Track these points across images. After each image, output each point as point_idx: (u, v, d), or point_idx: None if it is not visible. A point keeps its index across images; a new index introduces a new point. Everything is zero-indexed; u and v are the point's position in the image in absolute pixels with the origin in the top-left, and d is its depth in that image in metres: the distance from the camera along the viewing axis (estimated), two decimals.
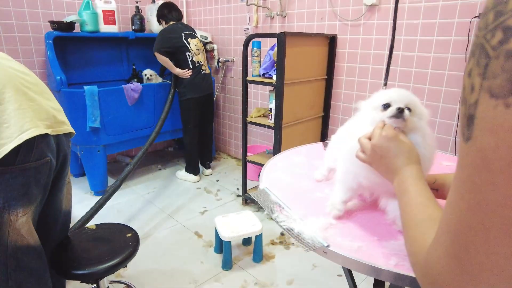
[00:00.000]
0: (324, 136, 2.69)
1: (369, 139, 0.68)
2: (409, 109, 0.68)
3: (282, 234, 2.23)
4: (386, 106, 0.70)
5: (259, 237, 1.95)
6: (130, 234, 1.34)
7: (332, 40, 2.46)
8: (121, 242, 1.29)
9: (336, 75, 2.56)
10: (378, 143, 0.65)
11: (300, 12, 2.63)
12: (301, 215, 0.80)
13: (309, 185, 0.97)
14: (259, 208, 2.53)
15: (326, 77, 2.55)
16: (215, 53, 3.34)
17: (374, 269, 0.65)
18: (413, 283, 0.62)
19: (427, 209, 0.50)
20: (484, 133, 0.28)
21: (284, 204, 0.85)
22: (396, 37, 2.18)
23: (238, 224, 1.99)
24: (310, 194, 0.92)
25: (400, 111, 0.67)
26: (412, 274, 0.61)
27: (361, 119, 0.75)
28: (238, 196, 2.75)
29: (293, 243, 2.15)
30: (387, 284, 1.00)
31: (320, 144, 1.32)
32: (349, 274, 1.12)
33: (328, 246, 0.69)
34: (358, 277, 1.79)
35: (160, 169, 3.35)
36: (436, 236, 0.38)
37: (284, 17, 2.73)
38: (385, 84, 1.40)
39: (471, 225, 0.31)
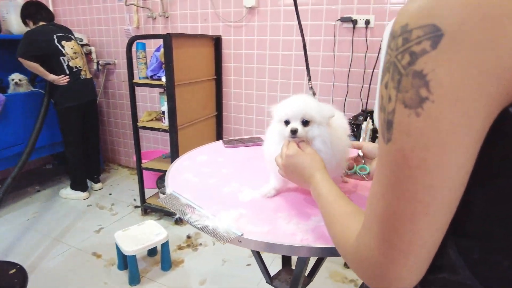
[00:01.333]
0: (219, 135, 2.74)
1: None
2: (307, 122, 0.77)
3: (188, 237, 2.20)
4: (287, 122, 0.79)
5: (165, 245, 1.89)
6: (13, 270, 1.16)
7: (217, 41, 2.52)
8: (5, 282, 1.10)
9: (225, 75, 2.64)
10: (285, 163, 0.75)
11: (183, 13, 2.62)
12: (213, 211, 0.82)
13: (216, 182, 0.99)
14: (162, 216, 2.45)
15: (215, 77, 2.60)
16: (93, 56, 3.06)
17: (282, 246, 0.71)
18: (317, 253, 0.70)
19: (340, 206, 0.57)
20: (402, 136, 0.35)
21: (195, 204, 0.85)
22: (276, 37, 2.37)
23: (141, 235, 1.89)
24: (218, 190, 0.94)
25: (293, 132, 0.76)
26: (314, 245, 0.69)
27: (273, 128, 0.85)
28: (136, 207, 2.60)
29: (200, 244, 2.15)
30: (294, 259, 1.10)
31: (221, 142, 1.36)
32: (259, 258, 1.19)
33: (242, 235, 0.73)
34: (267, 261, 1.91)
35: (38, 191, 2.92)
36: (363, 226, 0.43)
37: (167, 18, 2.68)
38: (310, 84, 1.51)
39: (398, 212, 0.37)
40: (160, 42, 2.67)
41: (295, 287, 1.03)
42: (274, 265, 1.89)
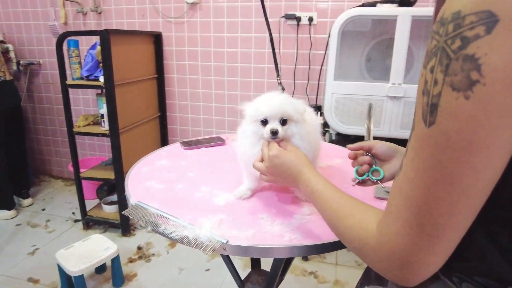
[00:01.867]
0: (164, 137, 2.61)
1: (261, 160, 0.75)
2: (285, 120, 0.75)
3: (139, 248, 2.06)
4: (264, 122, 0.75)
5: (116, 260, 1.74)
6: None
7: (157, 38, 2.39)
8: None
9: (167, 73, 2.51)
10: (269, 165, 0.71)
11: (118, 8, 2.43)
12: (190, 219, 0.75)
13: (185, 188, 0.92)
14: (106, 228, 2.25)
15: (157, 75, 2.47)
16: (12, 55, 2.70)
17: (274, 249, 0.68)
18: (310, 251, 0.68)
19: (344, 199, 0.55)
20: (447, 119, 0.35)
21: (167, 214, 0.78)
22: (220, 34, 2.31)
23: (87, 252, 1.71)
24: (189, 197, 0.87)
25: (273, 133, 0.73)
26: (306, 243, 0.67)
27: (246, 129, 0.80)
28: (76, 221, 2.36)
29: (153, 254, 2.02)
30: (263, 260, 1.06)
31: (178, 144, 1.28)
32: (229, 262, 1.14)
33: (227, 242, 0.68)
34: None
35: None
36: (388, 214, 0.43)
37: (100, 13, 2.46)
38: (279, 80, 1.47)
39: (436, 195, 0.37)
40: (94, 39, 2.47)
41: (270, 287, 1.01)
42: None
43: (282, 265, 0.97)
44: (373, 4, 1.70)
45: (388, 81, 1.68)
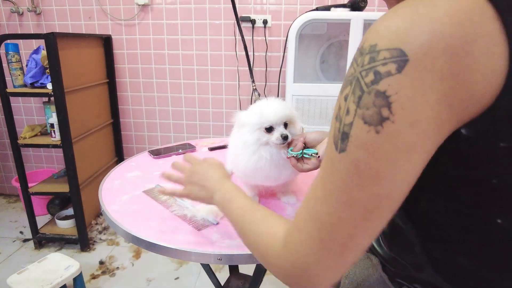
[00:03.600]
0: (118, 144, 2.49)
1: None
2: (286, 124, 0.78)
3: (101, 262, 1.95)
4: (269, 129, 0.76)
5: (79, 278, 1.63)
6: None
7: (107, 41, 2.27)
8: None
9: (119, 78, 2.40)
10: (193, 169, 0.73)
11: (60, 9, 2.26)
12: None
13: (169, 199, 0.90)
14: (63, 245, 2.10)
15: (108, 80, 2.35)
16: None
17: None
18: None
19: (258, 209, 0.57)
20: (358, 149, 0.37)
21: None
22: (174, 36, 2.26)
23: (45, 274, 1.58)
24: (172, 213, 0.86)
25: (285, 138, 0.75)
26: None
27: (247, 139, 0.79)
28: (26, 240, 2.17)
29: (117, 267, 1.93)
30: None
31: (146, 153, 1.24)
32: (209, 269, 1.14)
33: (217, 223, 0.77)
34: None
35: None
36: (295, 226, 0.44)
37: (39, 14, 2.27)
38: (254, 86, 1.44)
39: (340, 217, 0.39)
40: (34, 43, 2.28)
41: None
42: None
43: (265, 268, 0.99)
44: (327, 8, 1.79)
45: (341, 81, 1.78)
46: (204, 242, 0.72)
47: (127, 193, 0.93)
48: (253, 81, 1.48)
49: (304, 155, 0.79)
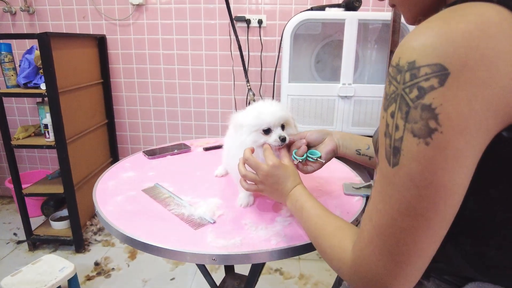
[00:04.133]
0: (113, 145, 2.48)
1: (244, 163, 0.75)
2: (283, 126, 0.78)
3: (96, 264, 1.94)
4: (267, 131, 0.77)
5: (73, 280, 1.62)
6: None
7: (101, 41, 2.26)
8: None
9: (114, 78, 2.39)
10: (267, 174, 0.72)
11: (54, 8, 2.24)
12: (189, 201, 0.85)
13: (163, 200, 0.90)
14: (57, 246, 2.09)
15: (102, 80, 2.33)
16: None
17: (264, 254, 0.69)
18: (298, 252, 0.71)
19: (330, 220, 0.60)
20: (410, 162, 0.39)
21: (174, 195, 0.89)
22: (169, 36, 2.26)
23: (40, 276, 1.57)
24: (168, 210, 0.85)
25: (283, 140, 0.75)
26: (294, 245, 0.70)
27: (245, 140, 0.79)
28: (20, 242, 2.15)
29: (113, 268, 1.92)
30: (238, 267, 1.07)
31: (141, 154, 1.23)
32: (205, 270, 1.14)
33: (214, 222, 0.77)
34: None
35: None
36: (362, 239, 0.47)
37: (32, 13, 2.25)
38: (249, 86, 1.44)
39: (402, 226, 0.41)
40: (27, 42, 2.27)
41: None
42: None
43: (261, 268, 0.99)
44: (321, 8, 1.79)
45: (337, 81, 1.78)
46: (199, 242, 0.72)
47: (121, 194, 0.93)
48: (247, 81, 1.48)
49: (308, 159, 0.80)
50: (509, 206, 0.43)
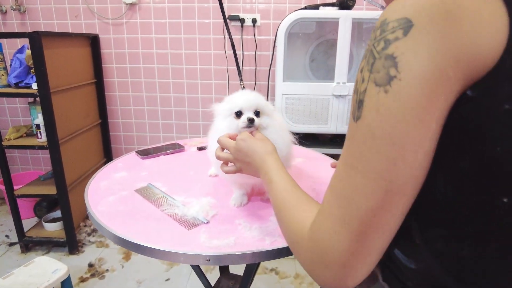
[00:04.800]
0: (107, 145, 2.46)
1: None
2: (258, 112, 0.77)
3: (90, 265, 1.92)
4: (239, 114, 0.77)
5: (67, 282, 1.61)
6: None
7: (94, 40, 2.24)
8: None
9: (107, 78, 2.37)
10: (236, 149, 0.71)
11: (45, 7, 2.22)
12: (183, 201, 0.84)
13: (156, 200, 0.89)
14: (50, 248, 2.06)
15: (96, 80, 2.31)
16: None
17: (255, 254, 0.69)
18: (288, 252, 0.70)
19: (295, 193, 0.55)
20: (371, 113, 0.38)
21: (166, 195, 0.89)
22: (163, 36, 2.24)
23: (32, 278, 1.55)
24: (160, 210, 0.84)
25: (250, 121, 0.75)
26: (285, 245, 0.69)
27: (219, 126, 0.80)
28: (12, 244, 2.12)
29: (107, 270, 1.90)
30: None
31: (134, 154, 1.22)
32: (199, 270, 1.13)
33: (208, 222, 0.77)
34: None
35: None
36: (322, 211, 0.43)
37: (23, 12, 2.23)
38: (242, 85, 1.43)
39: (360, 188, 0.38)
40: (18, 41, 2.24)
41: None
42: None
43: (256, 268, 0.99)
44: (315, 7, 1.79)
45: (332, 80, 1.78)
46: (192, 243, 0.71)
47: (114, 194, 0.92)
48: (241, 80, 1.47)
49: None
50: (482, 185, 0.38)
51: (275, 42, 2.07)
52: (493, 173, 0.37)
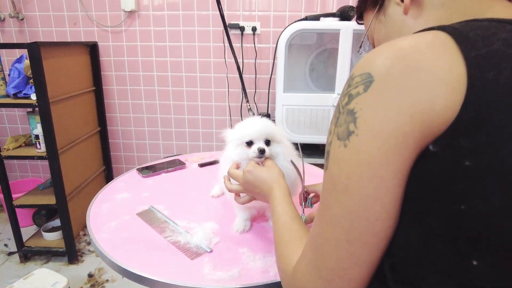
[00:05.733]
0: (106, 152, 2.45)
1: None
2: (268, 141, 0.78)
3: (90, 275, 1.92)
4: (250, 143, 0.77)
5: None
6: None
7: (93, 48, 2.22)
8: None
9: (106, 85, 2.35)
10: (244, 181, 0.72)
11: (44, 15, 2.20)
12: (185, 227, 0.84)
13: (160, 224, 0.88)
14: (49, 258, 2.06)
15: (95, 88, 2.30)
16: None
17: (260, 287, 0.69)
18: None
19: (292, 227, 0.56)
20: (333, 165, 0.40)
21: (169, 220, 0.88)
22: (162, 43, 2.23)
23: None
24: (164, 239, 0.84)
25: (261, 151, 0.75)
26: None
27: (230, 154, 0.80)
28: (11, 253, 2.11)
29: (107, 280, 1.90)
30: None
31: (135, 172, 1.21)
32: None
33: (211, 251, 0.77)
34: None
35: None
36: (302, 252, 0.45)
37: (22, 20, 2.21)
38: (249, 106, 1.41)
39: (327, 237, 0.40)
40: (17, 51, 2.23)
41: None
42: None
43: None
44: (316, 17, 1.78)
45: (332, 91, 1.78)
46: (196, 275, 0.71)
47: (116, 219, 0.91)
48: (247, 101, 1.46)
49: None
50: (451, 246, 0.36)
51: (275, 50, 2.06)
52: (461, 233, 0.35)
